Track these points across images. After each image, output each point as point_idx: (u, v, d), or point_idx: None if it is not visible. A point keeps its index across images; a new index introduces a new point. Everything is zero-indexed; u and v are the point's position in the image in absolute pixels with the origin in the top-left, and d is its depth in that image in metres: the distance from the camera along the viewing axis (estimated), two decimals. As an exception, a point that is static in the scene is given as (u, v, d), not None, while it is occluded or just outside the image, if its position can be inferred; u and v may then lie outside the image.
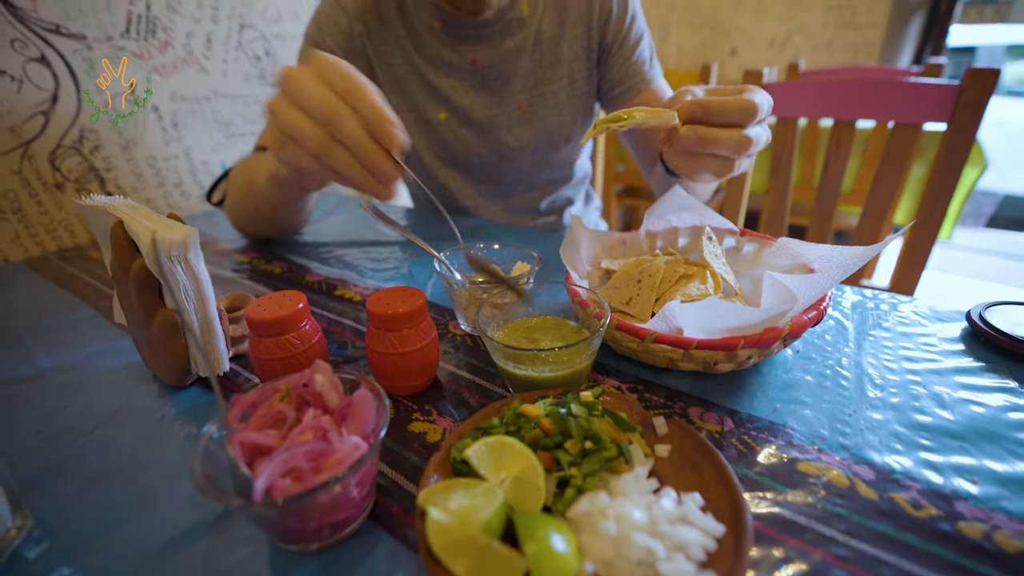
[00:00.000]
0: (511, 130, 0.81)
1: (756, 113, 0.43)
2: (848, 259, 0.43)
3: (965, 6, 7.51)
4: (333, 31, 0.75)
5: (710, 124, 0.43)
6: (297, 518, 0.26)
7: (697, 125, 0.44)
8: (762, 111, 0.44)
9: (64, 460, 0.38)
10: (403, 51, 0.76)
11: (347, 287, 0.63)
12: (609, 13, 0.77)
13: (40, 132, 0.83)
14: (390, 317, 0.37)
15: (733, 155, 0.44)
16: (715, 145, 0.43)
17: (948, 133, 0.94)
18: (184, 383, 0.45)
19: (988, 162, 1.69)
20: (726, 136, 0.43)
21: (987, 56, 4.83)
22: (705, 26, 2.97)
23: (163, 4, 0.94)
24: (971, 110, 0.91)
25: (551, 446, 0.30)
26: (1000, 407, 0.38)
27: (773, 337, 0.36)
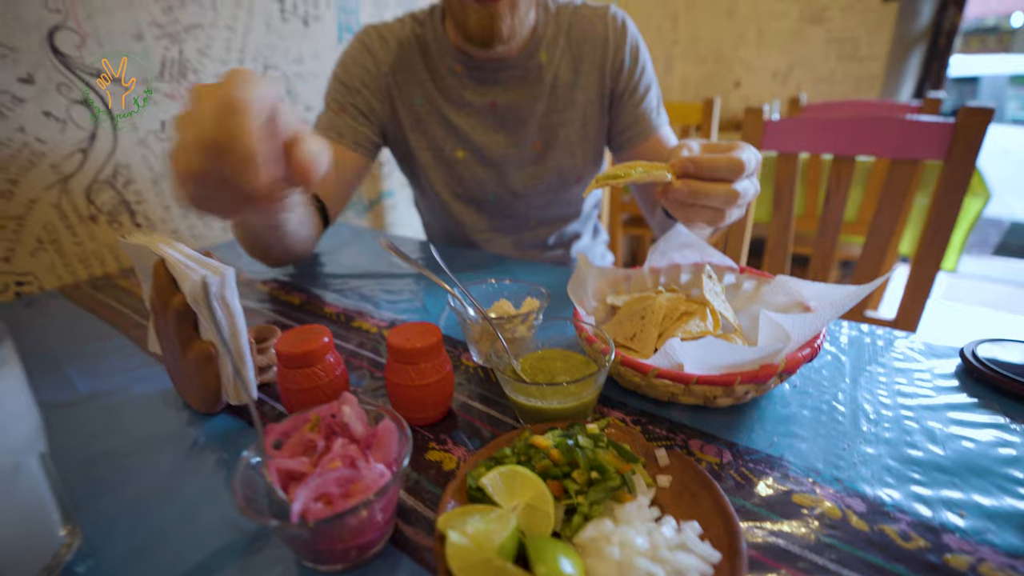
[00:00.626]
0: (525, 169, 0.85)
1: (743, 170, 0.47)
2: (842, 298, 0.45)
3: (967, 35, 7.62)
4: (360, 72, 0.80)
5: (702, 179, 0.47)
6: (327, 539, 0.28)
7: (690, 179, 0.47)
8: (749, 167, 0.48)
9: (106, 481, 0.41)
10: (426, 92, 0.81)
11: (364, 319, 0.66)
12: (621, 64, 0.81)
13: (78, 168, 0.88)
14: (409, 352, 0.40)
15: (723, 207, 0.48)
16: (706, 198, 0.47)
17: (945, 169, 0.96)
18: (214, 410, 0.48)
19: (991, 193, 1.71)
20: (715, 190, 0.47)
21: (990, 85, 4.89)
22: (708, 59, 3.06)
23: (194, 49, 1.00)
24: (967, 147, 0.94)
25: (560, 475, 0.32)
26: (990, 442, 0.39)
27: (768, 373, 0.38)
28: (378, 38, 0.82)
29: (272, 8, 1.10)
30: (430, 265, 0.51)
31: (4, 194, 0.82)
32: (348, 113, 0.80)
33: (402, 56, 0.81)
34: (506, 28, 0.71)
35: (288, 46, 1.15)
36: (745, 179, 0.49)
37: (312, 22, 1.18)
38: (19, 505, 0.30)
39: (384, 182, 1.44)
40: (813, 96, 2.76)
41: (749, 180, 0.50)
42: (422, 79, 0.81)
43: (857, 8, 2.56)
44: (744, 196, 0.48)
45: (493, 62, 0.79)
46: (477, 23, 0.70)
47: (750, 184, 0.50)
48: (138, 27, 0.91)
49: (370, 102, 0.81)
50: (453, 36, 0.80)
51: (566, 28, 0.82)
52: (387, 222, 1.48)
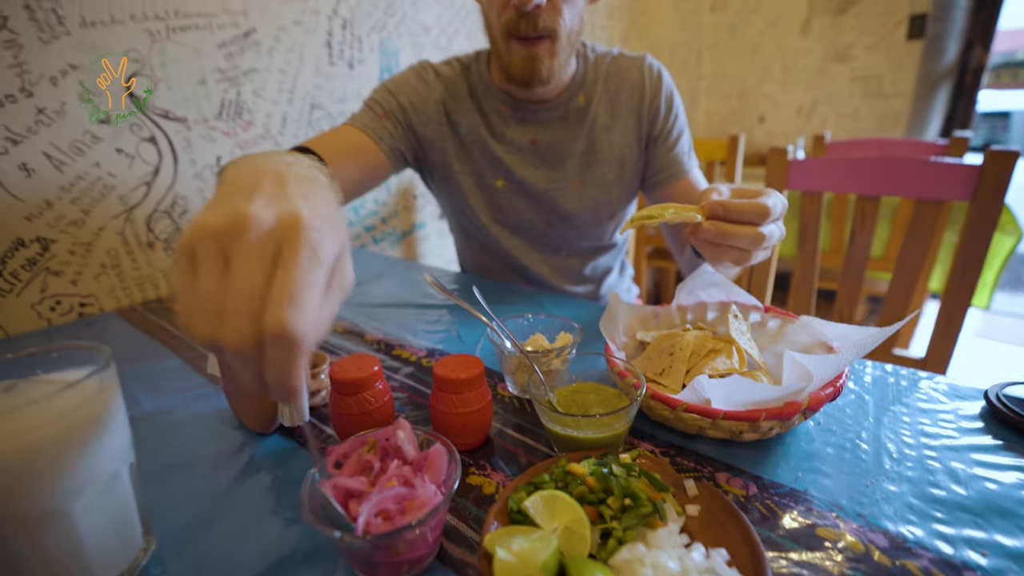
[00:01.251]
0: (563, 204, 0.89)
1: (768, 215, 0.50)
2: (864, 339, 0.47)
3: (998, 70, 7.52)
4: (411, 93, 0.86)
5: (729, 221, 0.50)
6: (385, 552, 0.31)
7: (718, 221, 0.51)
8: (775, 212, 0.51)
9: (170, 493, 0.45)
10: (471, 124, 0.87)
11: (403, 348, 0.70)
12: (657, 111, 0.86)
13: (142, 199, 0.96)
14: (454, 382, 0.44)
15: (749, 248, 0.51)
16: (733, 239, 0.50)
17: (971, 211, 0.97)
18: (268, 431, 0.51)
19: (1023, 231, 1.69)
20: (742, 232, 0.50)
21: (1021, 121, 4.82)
22: (733, 95, 3.10)
23: (250, 91, 1.08)
24: (993, 189, 0.95)
25: (595, 501, 0.35)
26: (1014, 484, 0.41)
27: (792, 411, 0.41)
28: (433, 71, 0.89)
29: (321, 53, 1.18)
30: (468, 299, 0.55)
31: (77, 223, 0.89)
32: (390, 120, 0.84)
33: (452, 90, 0.87)
34: (545, 70, 0.76)
35: (334, 87, 1.23)
36: (771, 223, 0.52)
37: (357, 65, 1.26)
38: (114, 507, 0.34)
39: (417, 214, 1.50)
40: (838, 132, 2.77)
41: (775, 224, 0.53)
42: (469, 111, 0.87)
43: (882, 47, 2.58)
44: (770, 239, 0.51)
45: (535, 103, 0.85)
46: (519, 64, 0.76)
47: (776, 228, 0.53)
48: (203, 73, 0.99)
49: (412, 123, 0.87)
50: (498, 79, 0.86)
51: (604, 75, 0.87)
52: (419, 252, 1.53)
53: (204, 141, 1.03)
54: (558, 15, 0.72)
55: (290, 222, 0.28)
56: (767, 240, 0.51)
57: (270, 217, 0.28)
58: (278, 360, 0.26)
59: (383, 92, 0.86)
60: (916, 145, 1.81)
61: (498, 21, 0.74)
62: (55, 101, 0.83)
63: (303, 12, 1.13)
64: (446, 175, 0.92)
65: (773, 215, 0.51)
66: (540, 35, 0.73)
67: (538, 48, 0.74)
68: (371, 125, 0.83)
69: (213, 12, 0.99)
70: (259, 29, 1.07)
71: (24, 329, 0.87)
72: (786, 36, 2.85)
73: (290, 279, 0.26)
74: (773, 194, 0.52)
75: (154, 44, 0.92)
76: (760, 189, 0.52)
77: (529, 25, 0.71)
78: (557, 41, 0.74)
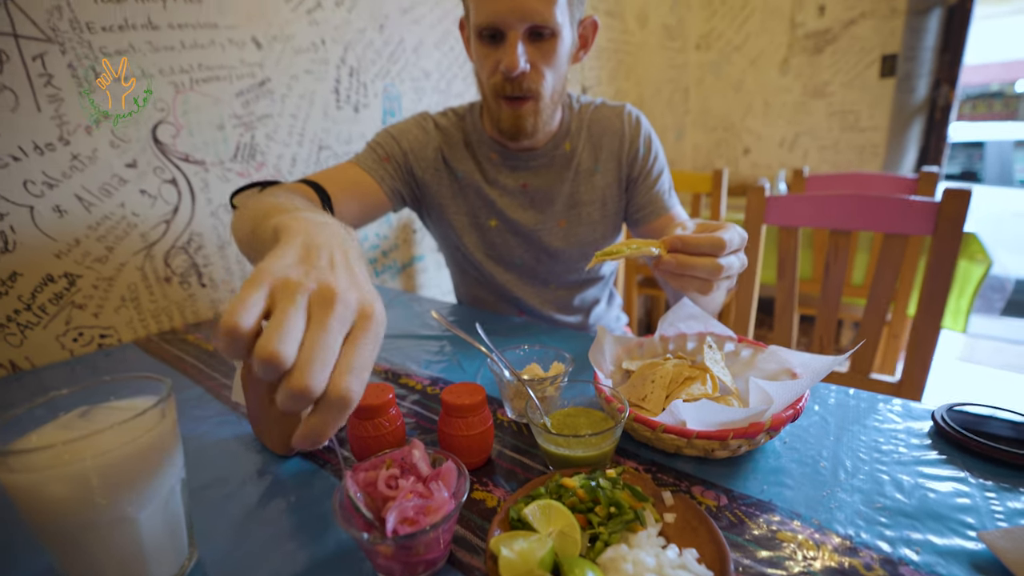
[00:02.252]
0: (551, 242, 0.96)
1: (724, 247, 0.54)
2: (821, 367, 0.54)
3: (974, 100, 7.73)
4: (411, 140, 0.93)
5: (689, 254, 0.55)
6: (407, 552, 0.37)
7: (678, 254, 0.55)
8: (731, 245, 0.55)
9: (204, 509, 0.50)
10: (467, 170, 0.95)
11: (409, 376, 0.75)
12: (636, 152, 0.94)
13: (161, 236, 1.02)
14: (460, 407, 0.50)
15: (708, 278, 0.55)
16: (692, 270, 0.54)
17: (934, 244, 1.05)
18: (291, 453, 0.57)
19: (992, 260, 1.78)
20: (700, 263, 0.54)
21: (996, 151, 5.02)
22: (718, 128, 3.24)
23: (263, 134, 1.16)
24: (951, 224, 1.03)
25: (585, 510, 0.40)
26: (950, 492, 0.47)
27: (756, 430, 0.47)
28: (432, 122, 0.96)
29: (329, 99, 1.27)
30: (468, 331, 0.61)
31: (101, 259, 0.95)
32: (391, 163, 0.92)
33: (449, 139, 0.95)
34: (530, 126, 0.84)
35: (340, 129, 1.31)
36: (729, 255, 0.55)
37: (362, 109, 1.35)
38: (170, 517, 0.39)
39: (416, 248, 1.57)
40: (819, 163, 2.89)
41: (735, 256, 0.57)
42: (464, 159, 0.95)
43: (856, 84, 2.73)
44: (728, 269, 0.55)
45: (524, 152, 0.93)
46: (507, 121, 0.84)
47: (735, 259, 0.57)
48: (221, 119, 1.07)
49: (412, 167, 0.94)
50: (489, 129, 0.94)
51: (588, 123, 0.95)
52: (418, 283, 1.60)
53: (220, 181, 1.10)
54: (541, 78, 0.80)
55: (367, 312, 0.35)
56: (725, 270, 0.54)
57: (353, 301, 0.35)
58: (327, 417, 0.32)
59: (386, 137, 0.94)
60: (888, 179, 1.92)
61: (488, 82, 0.82)
62: (88, 148, 0.90)
63: (313, 62, 1.22)
64: (442, 215, 0.98)
65: (730, 247, 0.55)
66: (525, 96, 0.81)
67: (523, 107, 0.82)
68: (374, 167, 0.90)
69: (233, 64, 1.07)
70: (273, 78, 1.15)
71: (48, 360, 0.92)
72: (767, 74, 3.00)
73: (360, 356, 0.33)
74: (731, 228, 0.56)
75: (178, 95, 1.00)
76: (721, 224, 0.57)
77: (515, 87, 0.80)
78: (541, 100, 0.82)
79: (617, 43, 2.41)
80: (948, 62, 2.44)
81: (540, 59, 0.79)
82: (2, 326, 0.86)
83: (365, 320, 0.35)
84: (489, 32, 0.78)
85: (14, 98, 0.81)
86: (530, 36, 0.78)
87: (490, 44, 0.79)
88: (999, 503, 0.45)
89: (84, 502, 0.34)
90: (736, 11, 3.02)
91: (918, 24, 2.51)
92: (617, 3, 2.34)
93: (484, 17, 0.76)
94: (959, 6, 2.39)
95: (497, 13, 0.75)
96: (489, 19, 0.76)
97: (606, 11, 2.28)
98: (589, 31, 0.89)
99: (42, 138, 0.85)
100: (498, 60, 0.79)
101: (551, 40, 0.78)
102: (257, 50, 1.11)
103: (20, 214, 0.85)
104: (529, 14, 0.74)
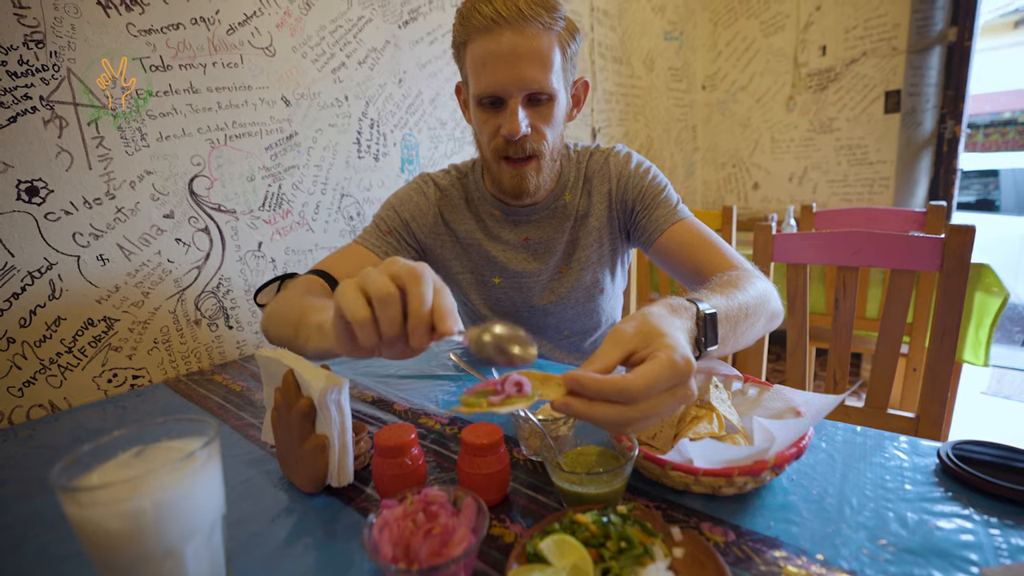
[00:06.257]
0: (555, 290, 0.99)
1: (634, 396, 0.41)
2: (824, 405, 0.56)
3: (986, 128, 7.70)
4: (412, 208, 0.96)
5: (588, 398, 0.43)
6: (429, 586, 0.39)
7: (572, 400, 0.43)
8: (653, 389, 0.41)
9: (239, 543, 0.53)
10: (468, 229, 0.98)
11: (428, 416, 0.78)
12: (627, 181, 0.95)
13: (193, 282, 1.08)
14: (479, 447, 0.52)
15: (614, 430, 0.44)
16: (594, 419, 0.43)
17: (941, 280, 1.07)
18: (318, 491, 0.60)
19: (1009, 292, 1.77)
20: (600, 413, 0.42)
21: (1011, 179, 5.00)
22: (727, 164, 3.30)
23: (290, 184, 1.23)
24: (957, 259, 1.05)
25: (597, 544, 0.42)
26: (953, 529, 0.48)
27: (761, 467, 0.49)
28: (432, 183, 0.99)
29: (351, 149, 1.35)
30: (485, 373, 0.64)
31: (137, 304, 1.01)
32: (393, 236, 0.95)
33: (450, 200, 0.98)
34: (533, 186, 0.88)
35: (361, 177, 1.38)
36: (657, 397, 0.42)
37: (382, 158, 1.42)
38: (212, 550, 0.42)
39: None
40: (829, 196, 2.93)
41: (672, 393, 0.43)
42: (466, 218, 0.98)
43: (862, 119, 2.78)
44: (656, 410, 0.42)
45: (526, 207, 0.96)
46: (509, 181, 0.87)
47: (670, 396, 0.43)
48: (252, 171, 1.15)
49: (414, 233, 0.97)
50: (490, 187, 0.97)
51: (584, 171, 0.98)
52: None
53: (248, 229, 1.16)
54: (542, 138, 0.84)
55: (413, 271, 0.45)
56: (646, 416, 0.42)
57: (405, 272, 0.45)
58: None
59: (388, 209, 0.97)
60: (896, 213, 1.94)
61: (489, 145, 0.85)
62: (131, 201, 0.97)
63: (337, 116, 1.30)
64: (447, 275, 1.01)
65: (649, 392, 0.41)
66: (528, 156, 0.84)
67: (526, 168, 0.85)
68: (377, 243, 0.93)
69: (263, 121, 1.16)
70: (300, 132, 1.23)
71: (84, 400, 0.97)
72: (773, 111, 3.08)
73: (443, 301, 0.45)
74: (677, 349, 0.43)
75: (213, 150, 1.08)
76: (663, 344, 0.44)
77: (517, 149, 0.83)
78: (542, 159, 0.86)
79: (625, 87, 2.51)
80: (952, 97, 2.48)
81: (539, 121, 0.83)
82: (44, 368, 0.92)
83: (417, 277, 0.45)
84: (489, 100, 0.82)
85: (70, 159, 0.89)
86: (528, 101, 0.82)
87: (490, 110, 0.83)
88: (1003, 539, 0.46)
89: (139, 536, 0.38)
90: (740, 53, 3.13)
91: (919, 61, 2.57)
92: (624, 50, 2.45)
93: (485, 87, 0.81)
94: (958, 44, 2.45)
95: (498, 83, 0.79)
96: (490, 89, 0.80)
97: (614, 58, 2.39)
98: (581, 92, 0.93)
99: (91, 193, 0.92)
100: (499, 125, 0.82)
101: (548, 103, 0.82)
102: (286, 107, 1.20)
103: (68, 263, 0.92)
104: (528, 83, 0.79)
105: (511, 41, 0.77)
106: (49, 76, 0.86)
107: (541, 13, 0.77)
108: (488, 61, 0.79)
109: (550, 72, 0.80)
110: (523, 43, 0.77)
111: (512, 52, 0.77)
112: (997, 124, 7.26)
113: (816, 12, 2.83)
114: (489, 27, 0.77)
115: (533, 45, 0.78)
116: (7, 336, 0.87)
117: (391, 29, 1.41)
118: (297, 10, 1.20)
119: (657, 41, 2.75)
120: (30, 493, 0.67)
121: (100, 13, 0.91)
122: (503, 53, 0.77)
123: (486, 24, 0.77)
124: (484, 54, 0.79)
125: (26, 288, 0.88)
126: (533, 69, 0.78)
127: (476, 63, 0.81)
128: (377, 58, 1.38)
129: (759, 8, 3.01)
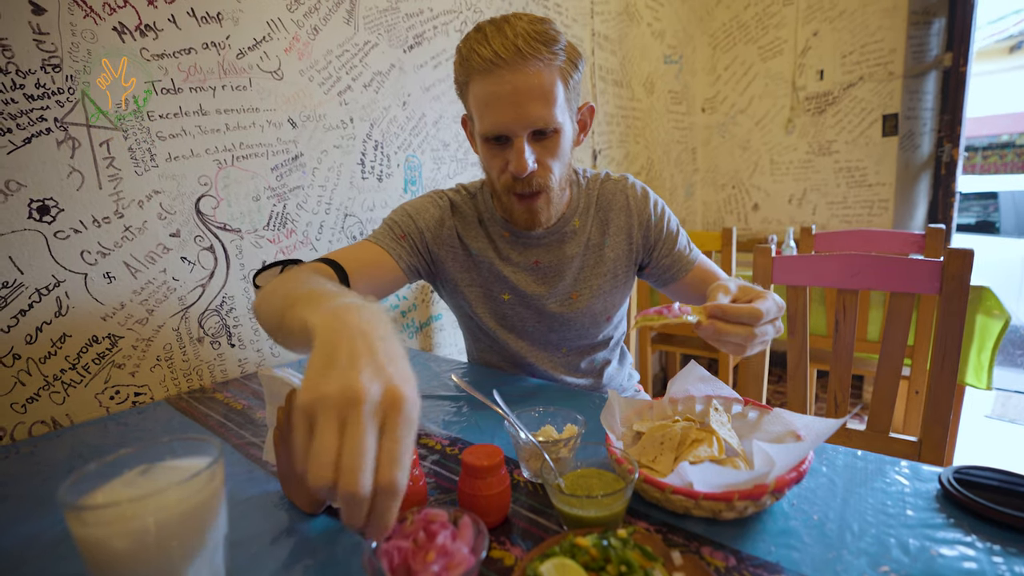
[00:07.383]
0: (563, 312, 1.00)
1: (761, 318, 0.60)
2: (823, 429, 0.56)
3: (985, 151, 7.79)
4: (427, 218, 0.96)
5: (727, 322, 0.61)
6: (430, 608, 0.39)
7: (717, 320, 0.61)
8: (768, 315, 0.62)
9: (244, 564, 0.52)
10: (481, 247, 0.99)
11: (429, 437, 0.79)
12: (648, 220, 0.98)
13: (197, 299, 1.09)
14: (479, 468, 0.53)
15: (743, 343, 0.61)
16: (728, 336, 0.61)
17: (941, 303, 1.08)
18: (318, 512, 0.60)
19: (1010, 314, 1.77)
20: (736, 331, 0.61)
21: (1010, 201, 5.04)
22: (727, 185, 3.33)
23: (294, 204, 1.25)
24: (956, 282, 1.06)
25: (597, 568, 0.42)
26: (955, 557, 0.48)
27: (761, 492, 0.49)
28: (447, 199, 1.01)
29: (355, 170, 1.37)
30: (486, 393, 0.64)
31: (141, 321, 1.02)
32: (407, 241, 0.95)
33: (463, 217, 1.00)
34: (544, 218, 0.89)
35: (365, 198, 1.40)
36: (765, 324, 0.62)
37: (385, 178, 1.44)
38: (214, 570, 0.42)
39: (433, 307, 1.63)
40: (829, 218, 2.94)
41: (770, 324, 0.63)
42: (478, 236, 0.99)
43: (860, 142, 2.81)
44: (763, 336, 0.62)
45: (535, 232, 0.97)
46: (520, 215, 0.89)
47: (770, 328, 0.63)
48: (257, 191, 1.17)
49: (427, 243, 0.97)
50: (500, 210, 0.97)
51: (596, 198, 1.00)
52: (435, 342, 1.64)
53: (253, 248, 1.18)
54: (549, 172, 0.84)
55: (393, 398, 0.38)
56: (758, 339, 0.61)
57: (377, 392, 0.37)
58: (383, 506, 0.36)
59: (403, 215, 0.97)
60: (895, 236, 1.95)
61: (498, 180, 0.86)
62: (139, 220, 0.98)
63: (342, 137, 1.33)
64: (456, 288, 1.02)
65: (766, 318, 0.61)
66: (536, 191, 0.85)
67: (536, 203, 0.86)
68: (392, 245, 0.93)
69: (270, 142, 1.18)
70: (305, 153, 1.25)
71: (87, 417, 0.97)
72: (772, 133, 3.12)
73: (396, 446, 0.37)
74: (770, 297, 0.63)
75: (220, 170, 1.10)
76: (760, 292, 0.63)
77: (525, 185, 0.84)
78: (551, 192, 0.87)
79: (626, 109, 2.55)
80: (948, 121, 2.52)
81: (546, 155, 0.84)
82: (48, 384, 0.92)
83: (394, 408, 0.37)
84: (495, 138, 0.83)
85: (81, 178, 0.91)
86: (534, 136, 0.82)
87: (496, 146, 0.84)
88: (1006, 567, 0.46)
89: (142, 556, 0.38)
90: (739, 76, 3.18)
91: (916, 86, 2.61)
92: (624, 73, 2.50)
93: (490, 127, 0.81)
94: (954, 69, 2.49)
95: (502, 124, 0.80)
96: (495, 130, 0.81)
97: (614, 81, 2.43)
98: (587, 116, 0.94)
99: (100, 212, 0.93)
100: (506, 160, 0.83)
101: (554, 137, 0.83)
102: (292, 129, 1.22)
103: (75, 281, 0.93)
104: (532, 121, 0.79)
105: (512, 81, 0.77)
106: (64, 99, 0.89)
107: (540, 50, 0.76)
108: (491, 102, 0.79)
109: (553, 107, 0.80)
110: (524, 82, 0.77)
111: (514, 92, 0.77)
112: (996, 147, 7.34)
113: (813, 37, 2.89)
114: (489, 69, 0.77)
115: (534, 83, 0.77)
116: (13, 352, 0.88)
117: (396, 53, 1.44)
118: (305, 35, 1.23)
119: (657, 65, 2.80)
120: (31, 510, 0.67)
121: (115, 39, 0.94)
122: (505, 94, 0.77)
123: (486, 66, 0.77)
124: (486, 95, 0.79)
125: (33, 305, 0.89)
126: (536, 107, 0.78)
127: (479, 103, 0.81)
128: (382, 81, 1.41)
129: (757, 33, 3.07)
